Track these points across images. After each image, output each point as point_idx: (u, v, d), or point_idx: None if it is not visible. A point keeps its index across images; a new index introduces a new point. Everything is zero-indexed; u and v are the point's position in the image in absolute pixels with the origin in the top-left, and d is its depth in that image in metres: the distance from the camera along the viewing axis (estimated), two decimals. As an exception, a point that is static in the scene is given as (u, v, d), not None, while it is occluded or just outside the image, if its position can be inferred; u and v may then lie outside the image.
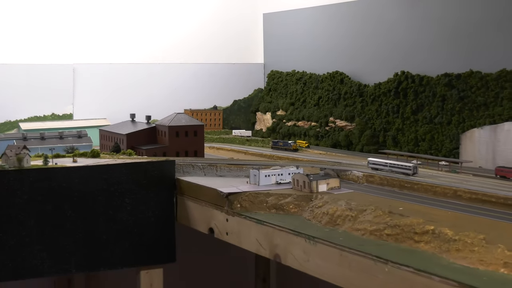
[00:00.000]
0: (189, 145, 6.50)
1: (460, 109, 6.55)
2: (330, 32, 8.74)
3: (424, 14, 7.29)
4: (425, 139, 6.93)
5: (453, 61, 6.79)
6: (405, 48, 7.51)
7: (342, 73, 8.35)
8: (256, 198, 4.68)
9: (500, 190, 4.52)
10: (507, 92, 6.07)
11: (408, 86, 7.19)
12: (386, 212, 3.96)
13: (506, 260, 3.12)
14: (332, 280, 3.75)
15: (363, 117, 7.79)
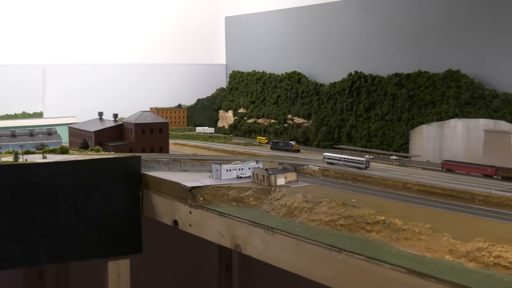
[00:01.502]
0: (154, 142, 6.46)
1: (409, 107, 6.60)
2: (288, 35, 8.75)
3: (376, 18, 7.34)
4: (377, 135, 6.97)
5: (403, 62, 6.85)
6: (359, 49, 7.55)
7: (299, 73, 8.37)
8: (218, 191, 4.67)
9: (446, 182, 4.57)
10: (452, 91, 6.14)
11: (361, 85, 7.23)
12: (340, 204, 3.97)
13: (451, 247, 3.16)
14: (289, 268, 3.76)
15: (319, 115, 7.82)
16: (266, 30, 9.19)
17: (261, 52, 9.28)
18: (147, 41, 9.69)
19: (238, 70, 9.67)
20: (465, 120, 6.02)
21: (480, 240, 3.09)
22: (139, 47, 9.60)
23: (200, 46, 10.15)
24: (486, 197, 4.13)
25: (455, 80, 6.15)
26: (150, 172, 5.41)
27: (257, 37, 9.35)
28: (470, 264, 3.02)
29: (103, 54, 9.25)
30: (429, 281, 2.86)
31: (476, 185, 4.48)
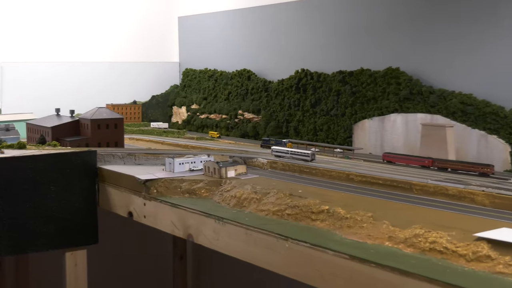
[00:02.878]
0: (110, 137, 6.39)
1: (352, 103, 6.66)
2: (239, 34, 8.75)
3: (321, 18, 7.38)
4: (323, 129, 7.02)
5: (346, 60, 6.90)
6: (305, 48, 7.59)
7: (249, 70, 8.38)
8: (171, 184, 4.64)
9: (387, 173, 4.62)
10: (392, 88, 6.22)
11: (307, 82, 7.26)
12: (287, 195, 3.98)
13: (390, 234, 3.20)
14: (239, 256, 3.76)
15: (268, 110, 7.83)
16: (217, 30, 9.17)
17: (213, 50, 9.26)
18: (103, 40, 9.60)
19: (191, 68, 9.63)
20: (404, 115, 6.10)
21: (417, 227, 3.13)
22: (95, 46, 9.51)
23: (154, 45, 10.10)
24: (423, 187, 4.18)
25: (395, 77, 6.23)
26: (106, 166, 5.34)
27: (209, 36, 9.33)
28: (408, 250, 3.06)
29: (60, 53, 9.14)
30: (369, 266, 2.89)
31: (414, 175, 4.54)
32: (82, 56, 9.31)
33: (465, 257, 2.84)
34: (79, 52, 9.32)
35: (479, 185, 4.02)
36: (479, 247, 2.82)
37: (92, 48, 9.48)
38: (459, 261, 2.84)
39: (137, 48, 9.90)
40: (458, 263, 2.84)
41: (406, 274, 2.73)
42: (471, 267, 2.78)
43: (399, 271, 2.77)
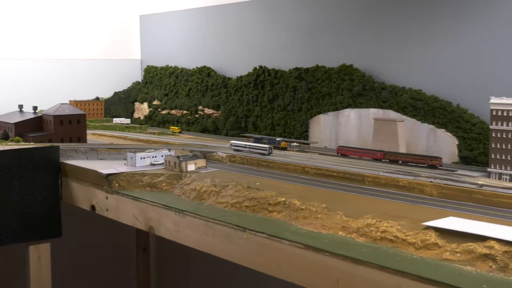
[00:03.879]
0: (72, 132, 6.32)
1: (308, 98, 6.69)
2: (199, 32, 8.71)
3: (278, 17, 7.39)
4: (280, 124, 7.04)
5: (302, 57, 6.93)
6: (263, 46, 7.59)
7: (209, 67, 8.35)
8: (132, 177, 4.60)
9: (340, 166, 4.65)
10: (346, 84, 6.26)
11: (265, 78, 7.27)
12: (245, 187, 3.98)
13: (343, 224, 3.21)
14: (199, 247, 3.74)
15: (228, 106, 7.82)
16: (178, 28, 9.12)
17: (174, 48, 9.21)
18: (66, 38, 9.46)
19: (152, 65, 9.56)
20: (357, 110, 6.15)
21: (369, 217, 3.16)
22: (58, 43, 9.37)
23: (117, 43, 9.99)
24: (375, 179, 4.22)
25: (349, 73, 6.27)
26: (69, 160, 5.27)
27: (170, 35, 9.27)
28: (360, 239, 3.08)
29: (23, 50, 8.98)
30: (323, 255, 2.91)
31: (366, 168, 4.58)
32: (46, 53, 9.17)
33: (414, 245, 2.87)
34: (42, 49, 9.17)
35: (427, 176, 4.06)
36: (427, 235, 2.86)
37: (55, 45, 9.33)
38: (409, 249, 2.87)
39: (99, 46, 9.79)
40: (407, 251, 2.87)
41: (358, 262, 2.75)
42: (419, 254, 2.81)
43: (351, 259, 2.78)
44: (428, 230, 2.89)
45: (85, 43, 9.64)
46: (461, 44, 5.46)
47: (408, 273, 2.56)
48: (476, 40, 5.35)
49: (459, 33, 5.47)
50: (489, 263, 2.57)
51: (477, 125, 5.22)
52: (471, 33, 5.38)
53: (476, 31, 5.35)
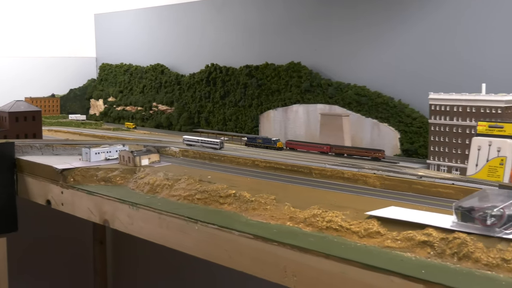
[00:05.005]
0: (28, 129, 6.19)
1: (258, 95, 6.70)
2: (153, 31, 8.64)
3: (229, 16, 7.37)
4: (232, 119, 7.03)
5: (252, 55, 6.93)
6: (214, 44, 7.57)
7: (162, 65, 8.29)
8: (87, 172, 4.53)
9: (289, 159, 4.67)
10: (294, 80, 6.29)
11: (217, 76, 7.25)
12: (197, 180, 3.96)
13: (291, 215, 3.23)
14: (152, 239, 3.72)
15: (181, 102, 7.78)
16: (132, 27, 9.03)
17: (128, 46, 9.11)
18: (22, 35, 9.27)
19: (107, 62, 9.44)
20: (305, 106, 6.18)
21: (315, 208, 3.17)
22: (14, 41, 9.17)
23: (72, 41, 9.83)
24: (321, 171, 4.25)
25: (297, 71, 6.30)
26: (24, 156, 5.17)
27: (124, 33, 9.17)
28: (307, 229, 3.09)
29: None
30: (272, 244, 2.92)
31: (313, 161, 4.61)
32: (1, 51, 8.97)
33: (358, 233, 2.89)
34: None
35: (371, 168, 4.11)
36: (370, 224, 2.89)
37: (10, 43, 9.14)
38: (353, 237, 2.90)
39: (55, 44, 9.62)
40: (351, 239, 2.89)
41: (305, 251, 2.77)
42: (363, 242, 2.84)
43: (298, 248, 2.80)
44: (371, 219, 2.92)
45: (40, 41, 9.47)
46: (402, 42, 5.54)
47: (352, 261, 2.58)
48: (416, 39, 5.43)
49: (400, 32, 5.55)
50: (428, 249, 2.61)
51: (417, 119, 5.31)
52: (411, 33, 5.46)
53: (415, 30, 5.43)
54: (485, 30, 4.93)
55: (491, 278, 2.32)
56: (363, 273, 2.52)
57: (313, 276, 2.74)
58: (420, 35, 5.39)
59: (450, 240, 2.56)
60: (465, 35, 5.07)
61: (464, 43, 5.08)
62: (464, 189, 3.42)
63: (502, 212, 2.52)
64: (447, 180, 3.64)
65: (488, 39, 4.91)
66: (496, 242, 2.45)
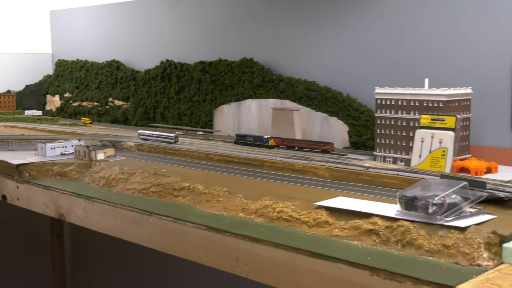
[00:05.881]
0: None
1: (212, 90, 6.67)
2: (108, 27, 8.51)
3: (183, 13, 7.33)
4: (186, 114, 6.99)
5: (206, 51, 6.90)
6: (169, 40, 7.51)
7: (118, 61, 8.18)
8: (43, 167, 4.46)
9: (241, 152, 4.66)
10: (247, 76, 6.28)
11: (171, 71, 7.19)
12: (151, 174, 3.94)
13: (243, 206, 3.23)
14: (108, 232, 3.68)
15: (136, 97, 7.69)
16: (88, 23, 8.88)
17: (84, 42, 8.96)
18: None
19: (63, 58, 9.25)
20: (257, 100, 6.19)
21: (266, 199, 3.19)
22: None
23: (27, 37, 9.61)
24: (273, 163, 4.26)
25: (249, 66, 6.29)
26: (-22, 152, 5.05)
27: (80, 29, 9.01)
28: (259, 219, 3.10)
29: None
30: (224, 235, 2.92)
31: (265, 153, 4.62)
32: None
33: (307, 223, 2.92)
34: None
35: (320, 160, 4.14)
36: (319, 214, 2.91)
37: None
38: (302, 227, 2.92)
39: (10, 40, 9.40)
40: (301, 229, 2.92)
41: (256, 241, 2.77)
42: (312, 232, 2.86)
43: (250, 238, 2.80)
44: (320, 210, 2.95)
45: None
46: (350, 40, 5.59)
47: (301, 249, 2.60)
48: (363, 36, 5.48)
49: (348, 30, 5.60)
50: (373, 237, 2.64)
51: (365, 113, 5.36)
52: (358, 29, 5.51)
53: (362, 28, 5.48)
54: (428, 27, 5.00)
55: (433, 263, 2.37)
56: (311, 261, 2.54)
57: (264, 264, 2.75)
58: (366, 33, 5.45)
59: (394, 228, 2.60)
60: (408, 32, 5.14)
61: (407, 40, 5.15)
62: (408, 179, 3.48)
63: (442, 200, 2.57)
64: (392, 171, 3.69)
65: (430, 36, 4.99)
66: (438, 229, 2.49)
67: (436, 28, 4.96)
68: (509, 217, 2.68)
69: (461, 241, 2.38)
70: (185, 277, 6.46)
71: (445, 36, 4.90)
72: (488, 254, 2.32)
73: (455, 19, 4.84)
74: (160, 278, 6.86)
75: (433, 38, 4.97)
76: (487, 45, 4.64)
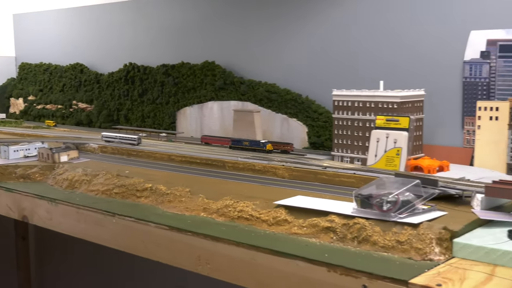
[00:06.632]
0: None
1: (175, 92, 6.63)
2: (72, 31, 8.39)
3: (146, 17, 7.27)
4: (150, 116, 6.93)
5: (169, 55, 6.85)
6: (132, 44, 7.44)
7: (82, 64, 8.06)
8: (5, 170, 4.37)
9: (203, 153, 4.64)
10: (209, 79, 6.26)
11: (135, 74, 7.13)
12: (114, 175, 3.90)
13: (204, 206, 3.22)
14: (71, 233, 3.64)
15: (100, 100, 7.60)
16: (51, 27, 8.74)
17: (48, 46, 8.81)
18: None
19: (27, 62, 9.08)
20: (219, 102, 6.17)
21: (227, 199, 3.19)
22: None
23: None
24: (234, 164, 4.26)
25: (211, 69, 6.27)
26: None
27: (44, 33, 8.86)
28: (220, 219, 3.10)
29: None
30: (186, 234, 2.90)
31: (227, 154, 4.61)
32: None
33: (267, 222, 2.92)
34: None
35: (280, 160, 4.15)
36: (279, 213, 2.92)
37: None
38: (262, 225, 2.93)
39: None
40: (261, 227, 2.92)
41: (217, 240, 2.77)
42: (272, 230, 2.87)
43: (211, 237, 2.80)
44: (279, 208, 2.96)
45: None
46: (309, 42, 5.62)
47: (261, 247, 2.61)
48: (321, 40, 5.52)
49: (306, 34, 5.62)
50: (331, 234, 2.66)
51: (323, 114, 5.39)
52: (316, 33, 5.55)
53: (320, 31, 5.51)
54: (382, 31, 5.06)
55: (387, 258, 2.40)
56: (271, 259, 2.55)
57: (225, 263, 2.74)
58: (324, 36, 5.48)
59: (350, 225, 2.62)
60: (364, 36, 5.19)
61: (363, 44, 5.20)
62: (364, 178, 3.51)
63: (396, 198, 2.60)
64: (349, 170, 3.73)
65: (385, 40, 5.05)
66: (392, 226, 2.52)
67: (390, 32, 5.02)
68: (460, 214, 2.73)
69: (414, 237, 2.41)
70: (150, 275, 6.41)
71: (399, 40, 4.97)
72: (439, 249, 2.35)
73: (408, 23, 4.90)
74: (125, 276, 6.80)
75: (388, 42, 5.04)
76: (439, 49, 4.71)
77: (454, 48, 4.60)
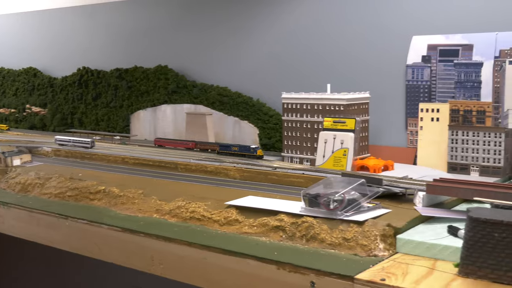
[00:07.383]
0: None
1: (129, 96, 6.55)
2: (24, 35, 8.20)
3: (99, 21, 7.15)
4: (104, 120, 6.83)
5: (122, 59, 6.76)
6: (86, 48, 7.31)
7: (35, 68, 7.89)
8: (-43, 174, 4.24)
9: (156, 155, 4.61)
10: (162, 82, 6.21)
11: (88, 78, 7.01)
12: (68, 178, 3.83)
13: (157, 207, 3.19)
14: (24, 236, 3.56)
15: (54, 104, 7.45)
16: (4, 31, 8.52)
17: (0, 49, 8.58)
18: None
19: (-21, 66, 8.84)
20: (173, 106, 6.12)
21: (180, 200, 3.16)
22: None
23: None
24: (186, 165, 4.23)
25: (164, 73, 6.22)
26: None
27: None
28: (172, 219, 3.07)
29: None
30: (138, 236, 2.87)
31: (179, 156, 4.57)
32: None
33: (219, 222, 2.91)
34: None
35: (231, 162, 4.14)
36: (230, 213, 2.92)
37: None
38: (214, 225, 2.92)
39: None
40: (213, 227, 2.91)
41: (170, 240, 2.75)
42: (223, 230, 2.86)
43: (164, 238, 2.77)
44: (230, 208, 2.95)
45: None
46: (259, 48, 5.63)
47: (213, 247, 2.60)
48: (270, 45, 5.53)
49: (256, 39, 5.63)
50: (280, 233, 2.67)
51: (273, 116, 5.41)
52: (266, 37, 5.56)
53: (268, 37, 5.53)
54: (329, 35, 5.11)
55: (334, 255, 2.42)
56: (222, 258, 2.54)
57: (178, 263, 2.72)
58: (274, 40, 5.50)
59: (299, 224, 2.63)
60: (311, 40, 5.23)
61: (311, 47, 5.24)
62: (313, 178, 3.54)
63: (343, 197, 2.63)
64: (298, 170, 3.75)
65: (331, 44, 5.10)
66: (338, 224, 2.55)
67: (337, 37, 5.07)
68: (403, 211, 2.77)
69: (359, 234, 2.44)
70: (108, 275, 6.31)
71: (344, 44, 5.02)
72: (384, 245, 2.38)
73: (354, 29, 4.96)
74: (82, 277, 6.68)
75: (335, 47, 5.09)
76: (383, 53, 4.78)
77: (397, 53, 4.68)
